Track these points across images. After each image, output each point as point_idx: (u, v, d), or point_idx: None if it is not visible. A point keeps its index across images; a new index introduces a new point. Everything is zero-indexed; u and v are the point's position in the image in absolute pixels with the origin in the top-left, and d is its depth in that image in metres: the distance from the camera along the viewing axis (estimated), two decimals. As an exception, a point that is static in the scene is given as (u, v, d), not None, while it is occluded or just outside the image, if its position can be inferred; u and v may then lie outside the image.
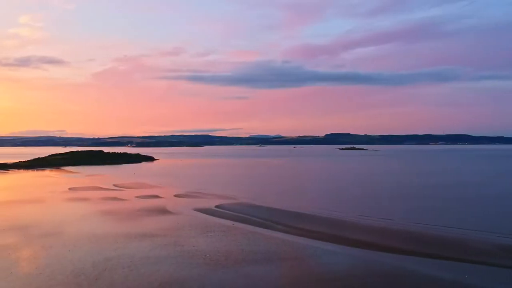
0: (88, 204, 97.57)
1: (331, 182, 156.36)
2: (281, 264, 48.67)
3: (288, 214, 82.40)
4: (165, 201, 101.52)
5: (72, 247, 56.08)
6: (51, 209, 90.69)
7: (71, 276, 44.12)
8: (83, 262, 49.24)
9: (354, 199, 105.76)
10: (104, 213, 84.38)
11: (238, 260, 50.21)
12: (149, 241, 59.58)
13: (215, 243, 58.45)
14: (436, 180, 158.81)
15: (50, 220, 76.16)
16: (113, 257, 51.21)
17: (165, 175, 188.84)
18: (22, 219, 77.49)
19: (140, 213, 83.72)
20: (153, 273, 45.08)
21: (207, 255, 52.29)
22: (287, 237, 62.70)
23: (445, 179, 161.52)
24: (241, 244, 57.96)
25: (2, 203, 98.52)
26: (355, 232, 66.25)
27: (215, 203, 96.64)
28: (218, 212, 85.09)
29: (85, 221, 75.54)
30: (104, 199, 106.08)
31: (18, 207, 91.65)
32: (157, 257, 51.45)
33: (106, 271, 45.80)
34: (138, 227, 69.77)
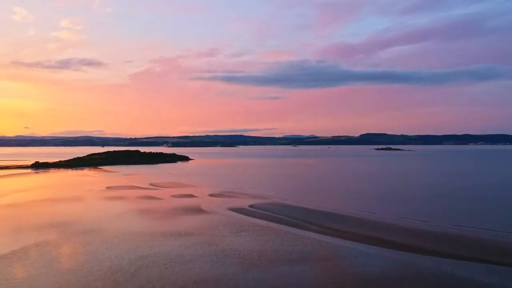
0: (125, 202, 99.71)
1: (365, 182, 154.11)
2: (315, 265, 48.33)
3: (322, 214, 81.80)
4: (199, 200, 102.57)
5: (110, 245, 57.42)
6: (90, 207, 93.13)
7: (109, 272, 45.19)
8: (120, 259, 50.35)
9: (389, 199, 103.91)
10: (140, 211, 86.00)
11: (272, 260, 50.17)
12: (184, 240, 60.32)
13: (249, 243, 58.63)
14: (475, 181, 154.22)
15: (88, 218, 78.24)
16: (149, 255, 52.12)
17: (199, 175, 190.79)
18: (62, 216, 79.94)
19: (175, 212, 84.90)
20: (188, 271, 45.61)
21: (241, 254, 52.51)
22: (322, 238, 62.23)
23: (484, 180, 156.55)
24: (275, 244, 57.92)
25: (43, 201, 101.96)
26: (390, 233, 65.13)
27: (249, 202, 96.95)
28: (252, 211, 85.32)
29: (122, 219, 77.23)
30: (141, 197, 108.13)
31: (58, 205, 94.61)
32: (192, 255, 52.03)
33: (142, 268, 46.67)
34: (174, 226, 70.77)
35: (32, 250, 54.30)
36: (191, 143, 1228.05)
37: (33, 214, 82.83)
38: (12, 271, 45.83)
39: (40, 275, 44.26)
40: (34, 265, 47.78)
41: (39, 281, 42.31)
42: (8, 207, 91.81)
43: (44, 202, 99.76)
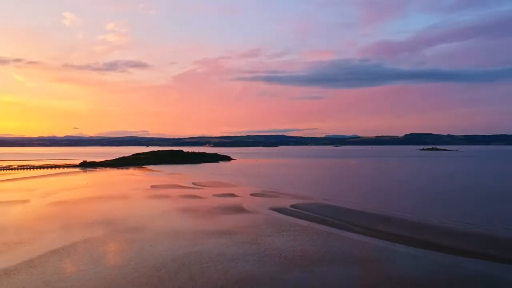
0: (169, 201, 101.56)
1: (409, 183, 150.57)
2: (358, 266, 47.58)
3: (365, 215, 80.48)
4: (241, 199, 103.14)
5: (154, 242, 58.61)
6: (135, 205, 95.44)
7: (153, 269, 46.12)
8: (164, 256, 51.29)
9: (435, 201, 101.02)
10: (183, 210, 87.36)
11: (314, 260, 49.78)
12: (226, 238, 60.78)
13: (290, 242, 58.43)
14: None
15: (133, 216, 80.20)
16: (192, 253, 52.84)
17: (241, 174, 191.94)
18: (109, 214, 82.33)
19: (217, 211, 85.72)
20: (230, 269, 45.91)
21: (282, 254, 52.39)
22: (365, 239, 61.25)
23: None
24: (317, 244, 57.47)
25: (91, 198, 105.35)
26: (436, 235, 63.29)
27: (291, 202, 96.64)
28: (294, 211, 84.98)
29: (165, 217, 78.69)
30: (184, 196, 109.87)
31: (105, 203, 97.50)
32: (233, 254, 52.36)
33: (185, 265, 47.36)
34: (216, 225, 71.46)
35: (80, 246, 56.19)
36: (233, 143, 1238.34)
37: (81, 211, 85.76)
38: (62, 265, 47.60)
39: (88, 270, 45.73)
40: (82, 260, 49.42)
41: (86, 276, 43.71)
42: (58, 204, 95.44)
43: (91, 200, 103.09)
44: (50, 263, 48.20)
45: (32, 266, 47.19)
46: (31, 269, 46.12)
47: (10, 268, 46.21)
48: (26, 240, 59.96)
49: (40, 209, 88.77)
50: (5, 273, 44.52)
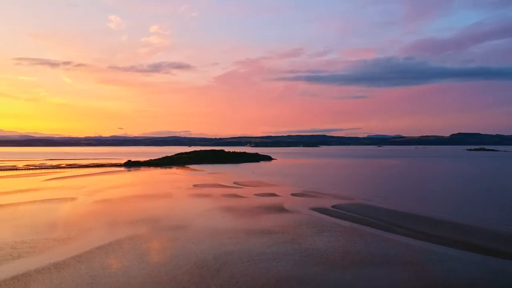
0: (210, 200, 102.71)
1: (455, 184, 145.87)
2: (401, 268, 46.54)
3: (408, 217, 78.63)
4: (282, 199, 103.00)
5: (196, 240, 59.44)
6: (177, 203, 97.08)
7: (195, 267, 46.79)
8: (206, 254, 51.93)
9: (482, 203, 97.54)
10: (224, 209, 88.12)
11: (356, 261, 49.10)
12: (267, 238, 60.87)
13: (332, 243, 57.87)
14: None
15: (176, 214, 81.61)
16: (233, 251, 53.24)
17: (282, 174, 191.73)
18: (152, 212, 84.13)
19: (258, 210, 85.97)
20: (271, 268, 45.96)
21: (323, 254, 51.96)
22: (408, 241, 59.86)
23: None
24: (359, 245, 56.66)
25: (135, 197, 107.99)
26: (482, 238, 61.06)
27: (332, 203, 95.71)
28: (335, 212, 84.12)
29: (207, 216, 79.63)
30: (225, 195, 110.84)
31: (149, 201, 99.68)
32: (274, 253, 52.37)
33: (226, 264, 47.77)
34: (257, 224, 71.70)
35: (125, 243, 57.72)
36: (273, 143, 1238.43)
37: (126, 209, 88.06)
38: (108, 261, 49.06)
39: (132, 266, 46.92)
40: (127, 257, 50.76)
41: (131, 272, 44.86)
42: (104, 202, 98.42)
43: (135, 198, 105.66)
44: (97, 259, 49.79)
45: (80, 261, 48.88)
46: (79, 264, 47.79)
47: (60, 263, 48.07)
48: (74, 236, 62.18)
49: (87, 206, 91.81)
50: (55, 267, 46.34)
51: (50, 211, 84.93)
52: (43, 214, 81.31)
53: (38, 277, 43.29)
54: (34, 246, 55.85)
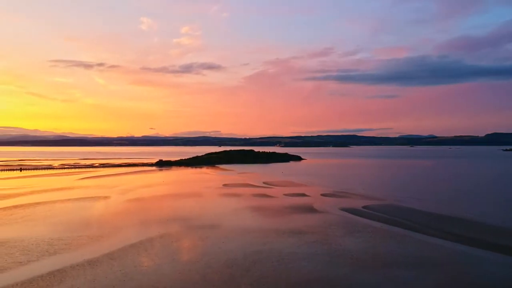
0: (240, 199, 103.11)
1: (489, 185, 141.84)
2: (434, 271, 45.53)
3: (442, 218, 76.90)
4: (312, 199, 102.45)
5: (226, 239, 59.75)
6: (208, 203, 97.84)
7: (225, 265, 47.03)
8: (236, 253, 52.13)
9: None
10: (254, 208, 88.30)
11: (387, 263, 48.34)
12: (297, 238, 60.63)
13: (362, 244, 57.18)
14: None
15: (206, 213, 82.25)
16: (263, 251, 53.26)
17: (311, 174, 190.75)
18: (183, 211, 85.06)
19: (288, 210, 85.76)
20: (301, 268, 45.76)
21: (354, 255, 51.39)
22: (441, 242, 58.51)
23: None
24: (390, 247, 55.76)
25: (166, 196, 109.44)
26: (522, 241, 59.16)
27: (362, 203, 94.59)
28: (366, 213, 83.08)
29: (237, 215, 79.96)
30: (255, 195, 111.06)
31: (179, 200, 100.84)
32: (304, 253, 52.13)
33: (256, 263, 47.83)
34: (286, 224, 71.52)
35: (157, 241, 58.53)
36: (303, 143, 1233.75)
37: (157, 208, 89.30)
38: (140, 259, 49.86)
39: (163, 264, 47.54)
40: (158, 255, 51.46)
41: (162, 269, 45.46)
42: (136, 201, 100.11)
43: (166, 197, 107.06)
44: (129, 256, 50.67)
45: (113, 258, 49.86)
46: (112, 261, 48.75)
47: (93, 260, 49.15)
48: (107, 234, 63.45)
49: (120, 205, 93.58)
50: (89, 264, 47.42)
51: (84, 209, 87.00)
52: (77, 212, 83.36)
53: (73, 273, 44.39)
54: (69, 243, 57.30)
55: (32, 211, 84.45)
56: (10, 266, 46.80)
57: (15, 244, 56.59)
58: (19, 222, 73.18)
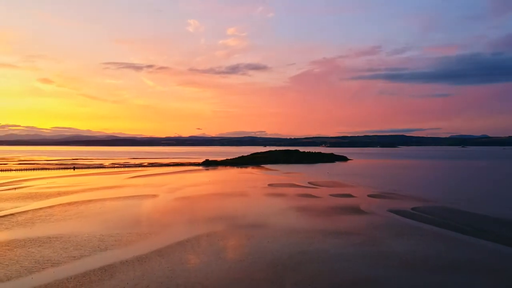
0: (285, 199, 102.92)
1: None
2: (487, 277, 43.67)
3: (496, 221, 73.72)
4: (358, 200, 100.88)
5: (271, 239, 59.81)
6: (253, 202, 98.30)
7: (270, 265, 47.09)
8: (281, 253, 52.10)
9: None
10: (299, 208, 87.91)
11: (437, 266, 46.86)
12: (343, 239, 59.88)
13: (411, 246, 55.72)
14: None
15: (252, 213, 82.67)
16: (308, 251, 52.95)
17: (358, 175, 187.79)
18: (229, 210, 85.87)
19: (333, 211, 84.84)
20: (347, 270, 45.15)
21: (402, 258, 50.16)
22: (497, 247, 56.10)
23: None
24: (440, 250, 54.03)
25: (212, 195, 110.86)
26: None
27: (411, 205, 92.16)
28: (415, 214, 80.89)
29: (282, 215, 79.87)
30: (300, 195, 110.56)
31: (225, 199, 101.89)
32: (350, 254, 51.40)
33: (302, 263, 47.60)
34: (332, 224, 70.79)
35: (203, 239, 59.39)
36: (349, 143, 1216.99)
37: (203, 206, 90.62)
38: (187, 256, 50.77)
39: (209, 262, 48.18)
40: (205, 253, 52.21)
41: (209, 268, 46.07)
42: (183, 199, 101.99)
43: (213, 196, 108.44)
44: (176, 254, 51.69)
45: (161, 255, 51.02)
46: (160, 258, 49.90)
47: (142, 256, 50.50)
48: (155, 231, 65.01)
49: (167, 203, 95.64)
50: (138, 260, 48.76)
51: (133, 207, 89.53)
52: (127, 210, 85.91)
53: (123, 268, 45.78)
54: (119, 240, 59.13)
55: (85, 208, 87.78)
56: (65, 260, 48.86)
57: (69, 239, 59.03)
58: (72, 218, 76.27)
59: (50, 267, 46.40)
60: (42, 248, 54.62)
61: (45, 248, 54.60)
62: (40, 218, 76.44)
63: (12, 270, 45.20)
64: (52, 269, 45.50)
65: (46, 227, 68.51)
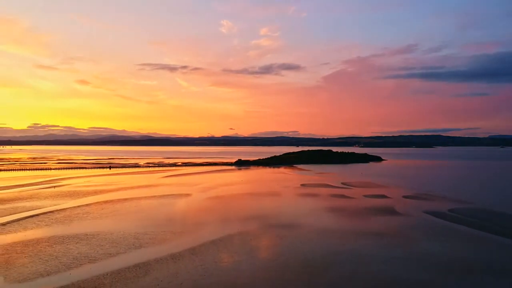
0: (318, 199, 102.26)
1: None
2: (529, 280, 42.21)
3: (538, 225, 71.11)
4: (393, 201, 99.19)
5: (304, 239, 59.54)
6: (285, 202, 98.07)
7: (303, 265, 46.88)
8: (313, 253, 51.79)
9: None
10: (332, 209, 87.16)
11: (474, 269, 45.54)
12: (377, 240, 59.01)
13: (448, 249, 54.38)
14: None
15: (284, 212, 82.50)
16: (341, 252, 52.44)
17: (392, 176, 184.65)
18: (261, 209, 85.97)
19: (367, 212, 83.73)
20: (381, 272, 44.45)
21: (438, 260, 49.01)
22: (537, 251, 54.12)
23: None
24: (479, 253, 52.53)
25: (245, 194, 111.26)
26: None
27: (448, 206, 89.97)
28: (452, 216, 78.92)
29: (315, 215, 79.37)
30: (333, 196, 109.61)
31: (258, 199, 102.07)
32: (385, 256, 50.59)
33: (334, 264, 47.19)
34: (366, 225, 69.87)
35: (236, 238, 59.70)
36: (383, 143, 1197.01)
37: (236, 206, 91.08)
38: (220, 255, 51.13)
39: (242, 261, 48.37)
40: (237, 252, 52.46)
41: (241, 266, 46.28)
42: (216, 198, 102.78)
43: (245, 195, 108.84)
44: (209, 252, 52.15)
45: (194, 253, 51.58)
46: (193, 256, 50.45)
47: (176, 254, 51.20)
48: (188, 230, 65.78)
49: (201, 202, 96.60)
50: (172, 258, 49.46)
51: (167, 206, 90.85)
52: (161, 208, 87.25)
53: (157, 266, 46.54)
54: (154, 238, 60.12)
55: (120, 206, 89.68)
56: (101, 257, 50.06)
57: (105, 237, 60.44)
58: (109, 216, 78.05)
59: (87, 263, 47.65)
60: (79, 244, 56.16)
61: (83, 245, 56.12)
62: (78, 215, 78.61)
63: (51, 266, 46.68)
64: (89, 266, 46.72)
65: (83, 224, 70.41)
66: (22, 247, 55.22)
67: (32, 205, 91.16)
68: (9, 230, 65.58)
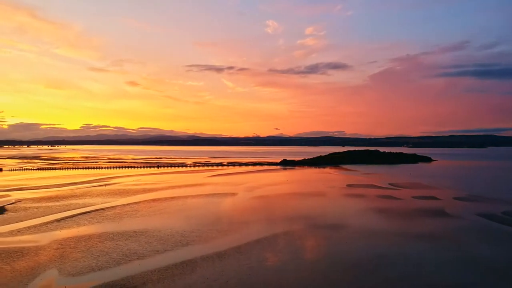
0: (364, 200, 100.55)
1: None
2: None
3: None
4: (443, 203, 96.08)
5: (349, 240, 58.74)
6: (331, 203, 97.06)
7: (348, 267, 46.24)
8: (359, 255, 50.99)
9: None
10: (379, 210, 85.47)
11: (532, 275, 43.40)
12: (426, 243, 57.37)
13: (502, 252, 52.15)
14: None
15: (330, 213, 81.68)
16: (388, 254, 51.34)
17: (442, 177, 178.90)
18: (307, 210, 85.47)
19: (415, 213, 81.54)
20: (430, 275, 43.16)
21: (492, 264, 47.09)
22: None
23: None
24: (536, 258, 50.01)
25: (290, 194, 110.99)
26: None
27: (502, 208, 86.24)
28: (506, 219, 75.59)
29: (361, 216, 78.11)
30: (380, 196, 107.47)
31: (303, 199, 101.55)
32: (434, 259, 49.11)
33: (381, 266, 46.26)
34: (414, 227, 68.07)
35: (281, 238, 59.67)
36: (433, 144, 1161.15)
37: (281, 205, 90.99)
38: (265, 254, 51.26)
39: (287, 261, 48.27)
40: (282, 252, 52.41)
41: (285, 266, 46.20)
42: (261, 198, 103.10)
43: (290, 195, 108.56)
44: (255, 251, 52.38)
45: (239, 252, 51.96)
46: (238, 255, 50.83)
47: (222, 252, 51.77)
48: (234, 228, 66.35)
49: (246, 201, 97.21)
50: (218, 256, 50.05)
51: (213, 204, 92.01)
52: (207, 207, 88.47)
53: (203, 263, 47.22)
54: (200, 236, 61.06)
55: (168, 204, 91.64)
56: (149, 254, 51.35)
57: (153, 234, 61.97)
58: (156, 214, 79.93)
59: (136, 259, 49.01)
60: (128, 241, 57.85)
61: (132, 241, 57.77)
62: (127, 213, 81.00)
63: (102, 261, 48.34)
64: (137, 262, 48.04)
65: (132, 221, 72.48)
66: (75, 242, 57.53)
67: (84, 202, 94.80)
68: (64, 226, 68.51)
